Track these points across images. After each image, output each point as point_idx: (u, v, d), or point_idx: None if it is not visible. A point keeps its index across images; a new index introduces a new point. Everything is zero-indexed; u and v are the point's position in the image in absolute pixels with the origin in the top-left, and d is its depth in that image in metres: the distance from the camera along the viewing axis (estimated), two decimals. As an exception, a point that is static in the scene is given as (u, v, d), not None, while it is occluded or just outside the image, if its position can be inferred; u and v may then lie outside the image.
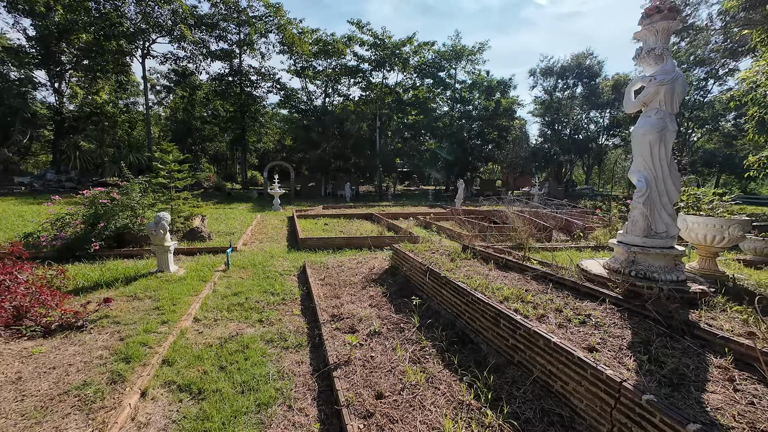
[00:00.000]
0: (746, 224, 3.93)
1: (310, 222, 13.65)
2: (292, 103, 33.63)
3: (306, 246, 9.13)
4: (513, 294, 3.57)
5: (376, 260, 7.50)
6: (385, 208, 19.00)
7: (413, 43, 33.00)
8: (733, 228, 3.89)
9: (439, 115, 36.98)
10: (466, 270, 4.69)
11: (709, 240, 4.00)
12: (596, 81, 37.87)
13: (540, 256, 5.41)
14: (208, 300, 5.29)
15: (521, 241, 5.83)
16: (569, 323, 2.94)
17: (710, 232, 3.96)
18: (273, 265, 7.44)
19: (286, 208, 18.70)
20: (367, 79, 33.77)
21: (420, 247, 6.10)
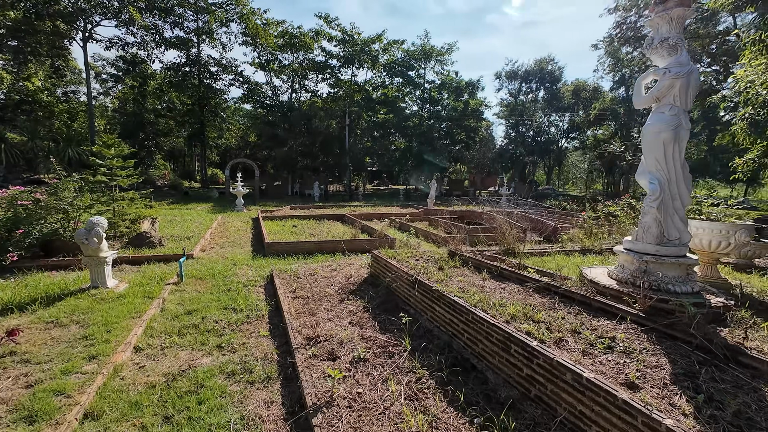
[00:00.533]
0: (752, 229, 3.80)
1: (277, 224, 12.72)
2: (256, 98, 31.96)
3: (273, 251, 8.31)
4: (519, 312, 3.12)
5: (352, 267, 6.88)
6: (357, 209, 18.36)
7: (383, 41, 32.56)
8: (740, 233, 3.75)
9: (409, 114, 36.84)
10: (458, 281, 4.22)
11: (714, 246, 3.84)
12: (557, 86, 39.51)
13: (531, 262, 5.08)
14: (154, 322, 4.43)
15: (510, 245, 5.49)
16: (593, 349, 2.53)
17: (716, 237, 3.80)
18: (236, 275, 6.59)
19: (251, 209, 17.50)
20: (336, 75, 32.87)
21: (402, 254, 5.57)
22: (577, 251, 6.00)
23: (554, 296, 3.47)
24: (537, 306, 3.32)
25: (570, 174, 56.61)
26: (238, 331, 4.32)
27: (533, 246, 7.20)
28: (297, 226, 12.49)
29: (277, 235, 10.47)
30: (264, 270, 6.96)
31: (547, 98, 39.79)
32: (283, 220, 13.76)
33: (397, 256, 5.44)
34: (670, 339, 2.57)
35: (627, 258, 3.40)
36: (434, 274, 4.45)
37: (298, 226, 12.51)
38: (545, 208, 18.33)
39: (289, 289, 5.61)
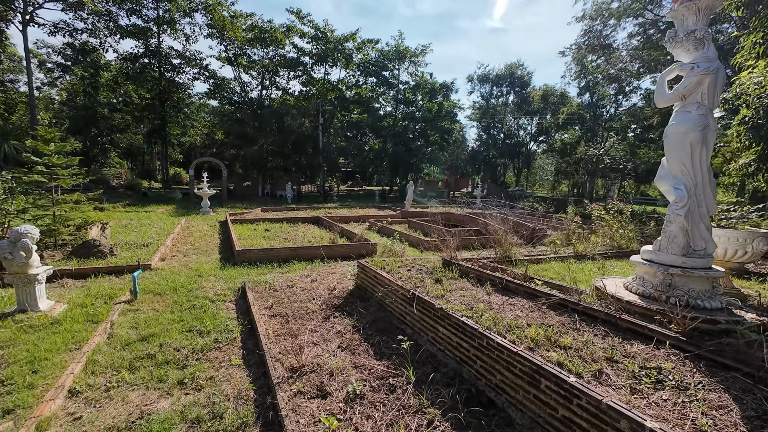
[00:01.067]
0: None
1: (247, 228, 11.82)
2: (224, 94, 30.31)
3: (244, 259, 7.55)
4: (541, 335, 2.73)
5: (334, 276, 6.30)
6: (332, 211, 17.67)
7: (356, 39, 31.99)
8: (757, 241, 3.60)
9: (383, 114, 36.49)
10: (461, 295, 3.79)
11: (729, 254, 3.69)
12: (526, 90, 40.68)
13: (530, 271, 4.76)
14: (98, 354, 3.65)
15: (506, 252, 5.15)
16: (640, 384, 2.16)
17: (731, 246, 3.64)
18: (201, 288, 5.82)
19: (218, 211, 16.33)
20: (308, 73, 31.87)
21: (392, 263, 5.08)
22: (572, 257, 5.78)
23: (572, 314, 3.12)
24: (556, 326, 2.94)
25: (537, 176, 58.78)
26: (205, 361, 3.65)
27: (521, 249, 6.97)
28: (270, 230, 11.67)
29: (249, 241, 9.65)
30: (234, 281, 6.22)
31: (517, 102, 40.86)
32: (254, 223, 12.86)
33: (387, 266, 4.94)
34: (722, 368, 2.26)
35: (648, 270, 3.11)
36: (432, 287, 4.00)
37: (270, 230, 11.69)
38: (520, 210, 18.54)
39: (264, 304, 4.95)
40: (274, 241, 9.73)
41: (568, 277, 4.43)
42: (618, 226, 6.89)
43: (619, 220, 7.04)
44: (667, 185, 3.03)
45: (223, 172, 22.86)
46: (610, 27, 24.20)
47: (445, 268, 4.74)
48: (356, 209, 19.12)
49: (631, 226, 6.80)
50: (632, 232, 6.58)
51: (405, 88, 34.95)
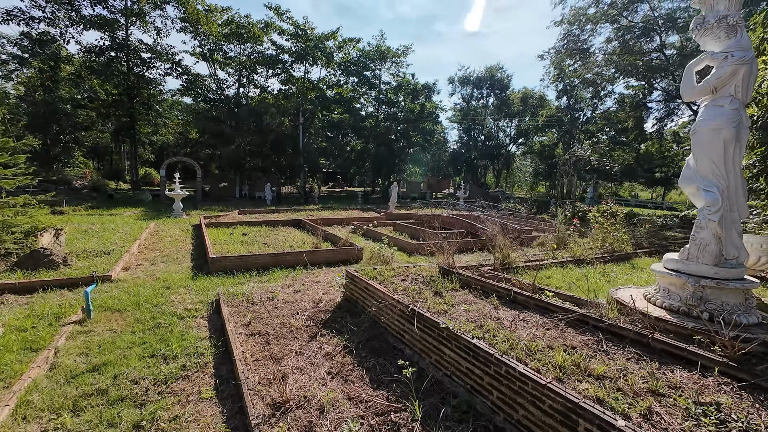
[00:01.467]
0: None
1: (223, 232, 11.07)
2: (198, 91, 29.00)
3: (219, 268, 6.90)
4: (568, 361, 2.35)
5: (319, 286, 5.80)
6: (314, 213, 17.04)
7: (337, 38, 31.45)
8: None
9: (364, 115, 36.04)
10: (465, 310, 3.40)
11: (752, 261, 3.48)
12: (506, 93, 41.28)
13: (528, 278, 4.44)
14: (34, 392, 3.01)
15: (505, 258, 4.81)
16: (699, 427, 1.81)
17: (754, 252, 3.43)
18: (169, 302, 5.18)
19: (192, 214, 15.38)
20: (288, 71, 31.00)
21: (385, 272, 4.64)
22: (570, 262, 5.52)
23: (595, 332, 2.78)
24: (580, 348, 2.59)
25: (515, 177, 59.92)
26: (169, 395, 3.08)
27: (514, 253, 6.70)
28: (247, 234, 10.97)
29: (224, 246, 8.96)
30: (208, 294, 5.60)
31: (497, 104, 41.39)
32: (230, 227, 12.10)
33: (380, 275, 4.50)
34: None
35: (675, 281, 2.82)
36: (433, 301, 3.59)
37: (248, 234, 11.00)
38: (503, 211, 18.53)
39: (241, 321, 4.40)
40: (253, 247, 9.08)
41: (574, 286, 4.12)
42: (612, 229, 6.74)
43: (613, 222, 6.90)
44: (694, 187, 2.75)
45: (198, 173, 21.74)
46: (587, 32, 24.74)
47: (443, 278, 4.34)
48: (339, 211, 18.56)
49: (625, 228, 6.67)
50: (626, 235, 6.44)
51: (387, 88, 34.64)
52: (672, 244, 7.38)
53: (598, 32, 25.35)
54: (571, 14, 24.34)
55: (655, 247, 6.70)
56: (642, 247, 6.72)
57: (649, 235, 7.80)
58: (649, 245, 6.91)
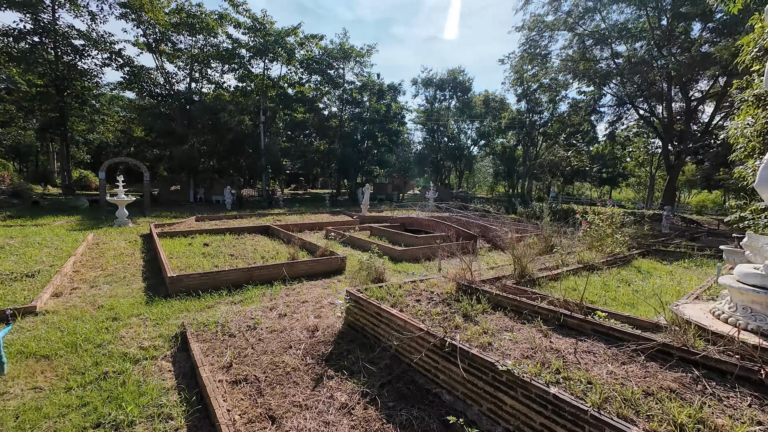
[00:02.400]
0: None
1: (180, 242, 9.70)
2: (143, 85, 26.26)
3: (181, 288, 5.80)
4: (684, 417, 1.84)
5: (308, 307, 4.97)
6: (281, 218, 15.86)
7: (298, 34, 30.13)
8: None
9: (327, 115, 34.94)
10: (510, 339, 2.83)
11: None
12: (468, 95, 42.22)
13: (555, 291, 3.99)
14: None
15: (524, 267, 4.34)
16: None
17: None
18: (118, 340, 4.10)
19: (139, 222, 13.57)
20: (246, 67, 29.12)
21: (394, 291, 3.96)
22: (582, 268, 5.20)
23: (685, 366, 2.32)
24: (679, 390, 2.10)
25: (476, 178, 61.78)
26: (127, 490, 2.17)
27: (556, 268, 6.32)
28: (209, 244, 9.71)
29: (184, 260, 7.73)
30: (169, 324, 4.56)
31: (460, 107, 42.21)
32: (188, 236, 10.70)
33: (390, 296, 3.80)
34: None
35: (762, 299, 2.44)
36: (469, 329, 2.97)
37: (211, 244, 9.74)
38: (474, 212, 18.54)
39: (219, 362, 3.49)
40: (219, 260, 7.94)
41: (607, 297, 3.72)
42: (611, 231, 6.58)
43: (609, 224, 6.77)
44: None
45: (145, 175, 19.47)
46: (546, 38, 25.79)
47: (464, 296, 3.75)
48: (308, 215, 17.49)
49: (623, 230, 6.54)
50: (623, 237, 6.31)
51: (351, 88, 33.85)
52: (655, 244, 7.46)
53: (555, 39, 26.55)
54: (531, 20, 25.24)
55: (644, 247, 6.71)
56: (631, 248, 6.72)
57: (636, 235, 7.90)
58: (638, 246, 6.89)
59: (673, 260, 7.58)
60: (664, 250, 8.03)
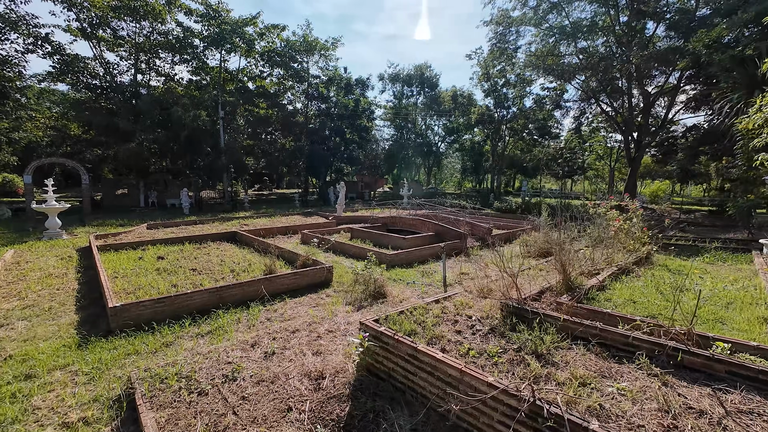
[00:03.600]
0: None
1: (128, 257, 8.12)
2: (78, 75, 23.18)
3: (128, 321, 4.50)
4: None
5: (300, 338, 3.92)
6: (249, 221, 14.35)
7: (258, 24, 28.11)
8: None
9: (292, 110, 33.13)
10: (619, 392, 2.00)
11: None
12: (435, 91, 42.10)
13: (604, 305, 3.27)
14: None
15: (568, 277, 3.59)
16: None
17: None
18: (32, 412, 2.84)
19: (77, 233, 11.56)
20: (200, 58, 26.67)
21: (420, 315, 3.04)
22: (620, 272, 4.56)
23: None
24: None
25: (443, 174, 62.31)
26: None
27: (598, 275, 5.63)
28: (165, 257, 8.22)
29: (133, 280, 6.31)
30: (109, 378, 3.33)
31: (428, 103, 41.99)
32: (137, 248, 9.08)
33: (419, 324, 2.88)
34: None
35: None
36: (552, 376, 2.13)
37: (167, 256, 8.25)
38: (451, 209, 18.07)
39: (186, 443, 2.38)
40: (178, 277, 6.58)
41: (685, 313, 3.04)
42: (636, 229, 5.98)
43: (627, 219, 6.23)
44: None
45: (84, 178, 16.99)
46: (513, 33, 25.92)
47: (515, 320, 2.91)
48: (278, 217, 16.06)
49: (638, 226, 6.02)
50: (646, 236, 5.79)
51: (317, 82, 32.29)
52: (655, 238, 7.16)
53: (522, 35, 26.76)
54: (499, 15, 25.22)
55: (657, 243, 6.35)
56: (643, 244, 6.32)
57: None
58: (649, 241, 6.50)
59: (688, 255, 7.08)
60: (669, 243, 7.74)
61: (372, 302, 5.12)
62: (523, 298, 3.18)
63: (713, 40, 10.18)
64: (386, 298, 5.19)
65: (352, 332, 4.01)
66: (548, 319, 2.85)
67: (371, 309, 4.81)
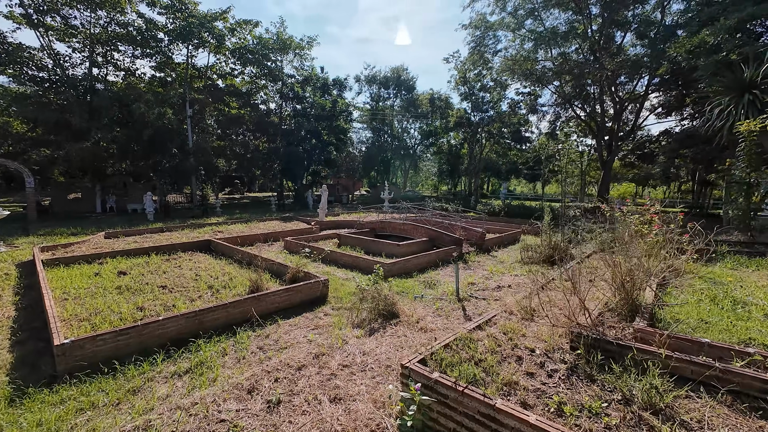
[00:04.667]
0: None
1: (81, 273, 6.92)
2: (21, 67, 20.82)
3: (82, 362, 3.55)
4: None
5: (309, 377, 3.18)
6: (223, 228, 13.17)
7: (228, 19, 26.67)
8: None
9: (265, 110, 31.71)
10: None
11: None
12: (412, 94, 42.00)
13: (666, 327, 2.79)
14: None
15: (631, 296, 3.07)
16: None
17: None
18: None
19: (19, 244, 9.99)
20: (164, 53, 24.83)
21: (472, 350, 2.40)
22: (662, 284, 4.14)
23: None
24: None
25: (419, 177, 62.50)
26: None
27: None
28: (128, 272, 7.09)
29: (88, 302, 5.24)
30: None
31: (405, 105, 41.80)
32: (93, 261, 7.85)
33: (479, 367, 2.24)
34: None
35: None
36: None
37: (130, 271, 7.13)
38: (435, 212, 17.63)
39: None
40: (144, 297, 5.57)
41: None
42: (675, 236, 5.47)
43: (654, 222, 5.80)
44: None
45: (28, 181, 15.06)
46: (491, 37, 26.16)
47: (596, 355, 2.34)
48: (254, 223, 14.93)
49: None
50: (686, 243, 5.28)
51: (292, 82, 31.10)
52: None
53: (499, 39, 27.08)
54: (477, 19, 25.36)
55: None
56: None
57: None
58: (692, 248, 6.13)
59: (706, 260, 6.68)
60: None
61: (383, 323, 4.43)
62: (605, 327, 2.60)
63: (695, 45, 10.42)
64: (399, 318, 4.52)
65: (372, 366, 3.31)
66: (642, 354, 2.31)
67: (386, 333, 4.13)
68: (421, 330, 4.11)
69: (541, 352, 2.56)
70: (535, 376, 2.31)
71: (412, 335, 3.97)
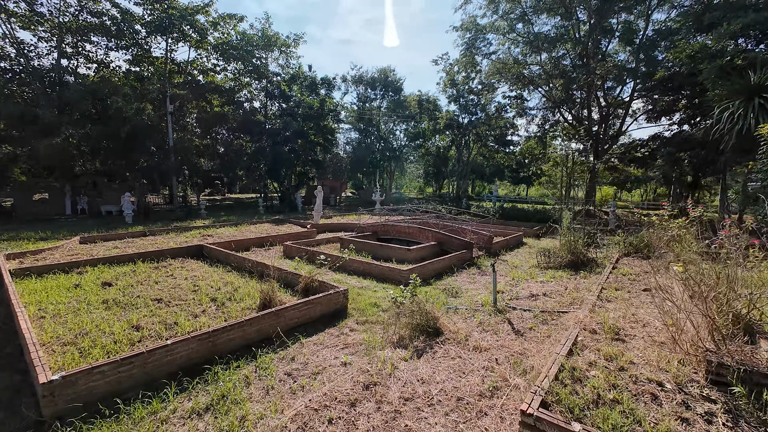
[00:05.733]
0: None
1: (57, 284, 6.03)
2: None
3: (74, 401, 2.84)
4: None
5: (371, 419, 2.65)
6: (211, 231, 12.28)
7: (210, 13, 25.46)
8: None
9: (249, 109, 30.54)
10: None
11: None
12: (400, 95, 41.72)
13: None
14: None
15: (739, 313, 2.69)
16: None
17: None
18: None
19: (-22, 252, 8.80)
20: (141, 46, 23.37)
21: (590, 381, 1.94)
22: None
23: None
24: None
25: (404, 179, 62.34)
26: None
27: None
28: (113, 283, 6.25)
29: (71, 321, 4.46)
30: None
31: (392, 107, 41.46)
32: (70, 271, 6.94)
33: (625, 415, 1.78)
34: None
35: None
36: None
37: (116, 282, 6.29)
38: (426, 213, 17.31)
39: None
40: (137, 313, 4.82)
41: None
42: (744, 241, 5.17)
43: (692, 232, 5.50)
44: None
45: (-11, 181, 13.58)
46: (481, 40, 26.21)
47: (751, 391, 1.94)
48: (244, 226, 14.07)
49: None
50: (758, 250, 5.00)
51: (278, 80, 30.12)
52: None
53: (489, 42, 27.17)
54: (469, 21, 25.34)
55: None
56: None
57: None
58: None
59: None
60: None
61: (427, 341, 3.93)
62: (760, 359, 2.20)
63: (696, 51, 10.56)
64: (444, 335, 4.03)
65: (439, 399, 2.80)
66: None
67: (436, 354, 3.62)
68: (475, 350, 3.64)
69: (673, 387, 2.15)
70: (690, 422, 1.89)
71: (468, 357, 3.49)
